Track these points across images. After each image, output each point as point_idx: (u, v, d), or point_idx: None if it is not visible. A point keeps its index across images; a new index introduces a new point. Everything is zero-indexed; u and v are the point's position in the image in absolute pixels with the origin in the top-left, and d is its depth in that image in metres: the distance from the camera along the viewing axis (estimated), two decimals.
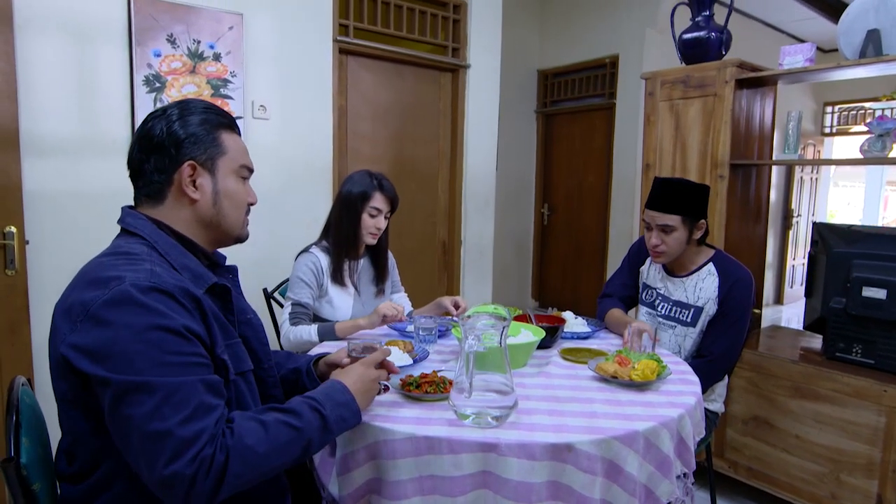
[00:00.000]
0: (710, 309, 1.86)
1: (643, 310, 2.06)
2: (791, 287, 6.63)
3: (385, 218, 1.98)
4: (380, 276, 2.07)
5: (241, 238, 1.15)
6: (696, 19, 2.49)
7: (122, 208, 1.07)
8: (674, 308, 1.94)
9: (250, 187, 1.15)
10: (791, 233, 6.52)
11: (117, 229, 1.00)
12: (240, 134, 1.14)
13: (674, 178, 1.88)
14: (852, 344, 2.12)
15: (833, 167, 7.32)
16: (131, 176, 1.07)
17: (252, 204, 1.15)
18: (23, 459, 0.90)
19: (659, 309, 1.99)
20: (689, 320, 1.90)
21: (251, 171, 1.14)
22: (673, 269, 1.97)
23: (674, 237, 1.83)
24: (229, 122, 1.10)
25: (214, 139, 1.06)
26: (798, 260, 6.69)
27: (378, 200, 1.94)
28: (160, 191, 1.04)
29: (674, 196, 1.82)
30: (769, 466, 2.27)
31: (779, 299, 6.60)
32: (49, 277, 2.27)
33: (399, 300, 2.19)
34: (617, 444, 1.14)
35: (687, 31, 2.52)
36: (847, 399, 2.05)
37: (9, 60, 2.07)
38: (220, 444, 0.86)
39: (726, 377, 1.97)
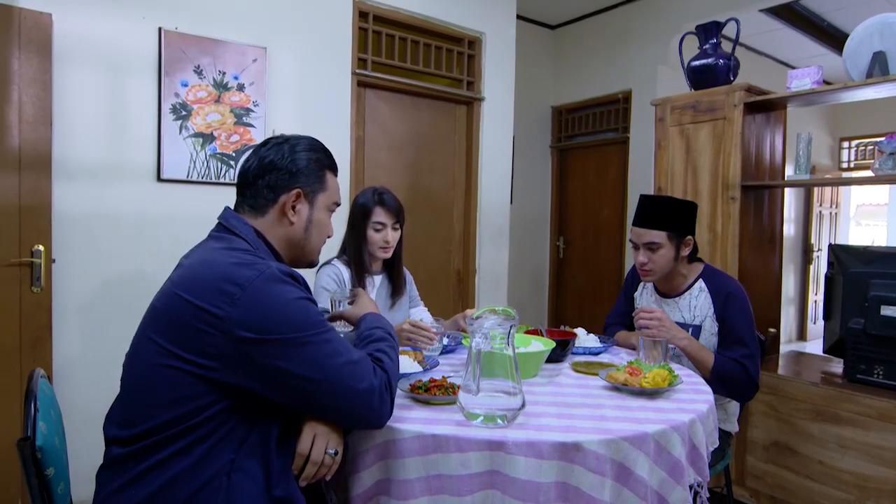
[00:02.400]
0: (710, 326, 1.83)
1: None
2: (814, 323, 6.49)
3: (393, 229, 1.99)
4: (395, 290, 2.09)
5: (312, 263, 1.32)
6: (704, 47, 2.55)
7: (226, 208, 1.22)
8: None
9: (331, 222, 1.32)
10: (812, 268, 6.43)
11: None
12: (337, 175, 1.31)
13: (659, 195, 1.86)
14: (874, 365, 2.07)
15: (853, 207, 7.29)
16: (241, 185, 1.23)
17: (329, 237, 1.31)
18: (38, 442, 0.92)
19: None
20: (698, 339, 1.88)
21: (339, 206, 1.32)
22: (665, 291, 1.95)
23: (660, 254, 1.81)
24: (333, 164, 1.29)
25: (321, 177, 1.24)
26: (820, 295, 6.57)
27: (379, 214, 1.95)
28: (264, 206, 1.20)
29: (659, 212, 1.81)
30: (792, 494, 2.19)
31: (802, 335, 6.46)
32: (73, 295, 2.34)
33: (418, 314, 2.20)
34: (626, 445, 1.13)
35: (695, 58, 2.58)
36: (871, 422, 1.99)
37: (46, 88, 2.19)
38: (379, 366, 1.12)
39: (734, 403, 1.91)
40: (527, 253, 5.17)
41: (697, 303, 1.87)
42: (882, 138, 2.21)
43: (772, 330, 2.13)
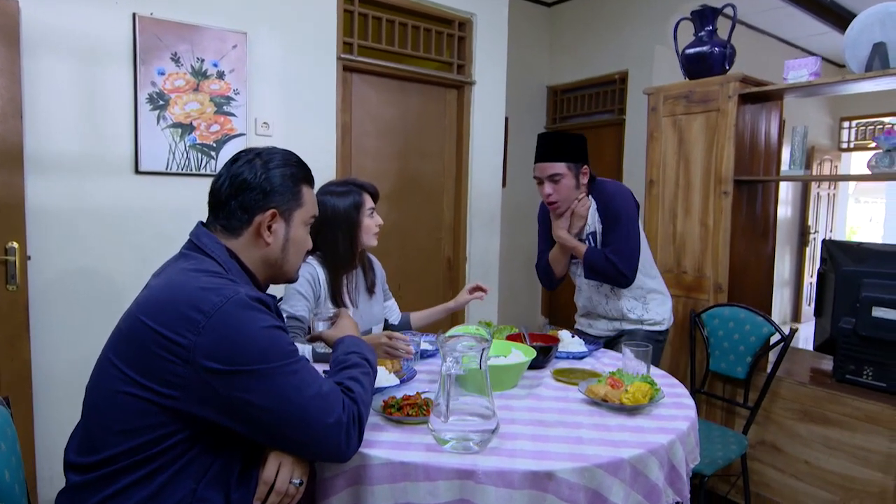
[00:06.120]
0: (597, 227, 2.08)
1: (572, 268, 2.24)
2: (809, 305, 6.48)
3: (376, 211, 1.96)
4: (367, 277, 2.03)
5: (291, 280, 1.27)
6: (700, 34, 2.46)
7: (198, 225, 1.17)
8: (587, 241, 2.13)
9: (309, 235, 1.27)
10: (808, 250, 6.39)
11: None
12: (314, 185, 1.25)
13: (554, 131, 2.03)
14: (863, 366, 2.05)
15: (852, 185, 7.18)
16: (213, 205, 1.17)
17: (308, 250, 1.27)
18: None
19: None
20: (597, 244, 2.10)
21: (316, 218, 1.27)
22: (572, 219, 2.11)
23: (563, 184, 2.02)
24: (309, 177, 1.23)
25: (297, 193, 1.19)
26: (815, 277, 6.54)
27: (369, 200, 1.92)
28: (238, 227, 1.15)
29: (556, 146, 2.01)
30: (778, 493, 2.18)
31: (796, 317, 6.45)
32: (50, 293, 2.29)
33: (392, 308, 2.17)
34: (601, 473, 1.10)
35: (690, 46, 2.49)
36: (858, 424, 1.97)
37: (14, 79, 2.11)
38: (349, 397, 1.07)
39: (668, 300, 2.18)
40: (521, 237, 5.12)
41: (593, 216, 2.09)
42: (885, 118, 2.14)
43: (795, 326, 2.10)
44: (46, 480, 2.28)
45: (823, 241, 2.29)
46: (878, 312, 1.96)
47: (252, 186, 1.13)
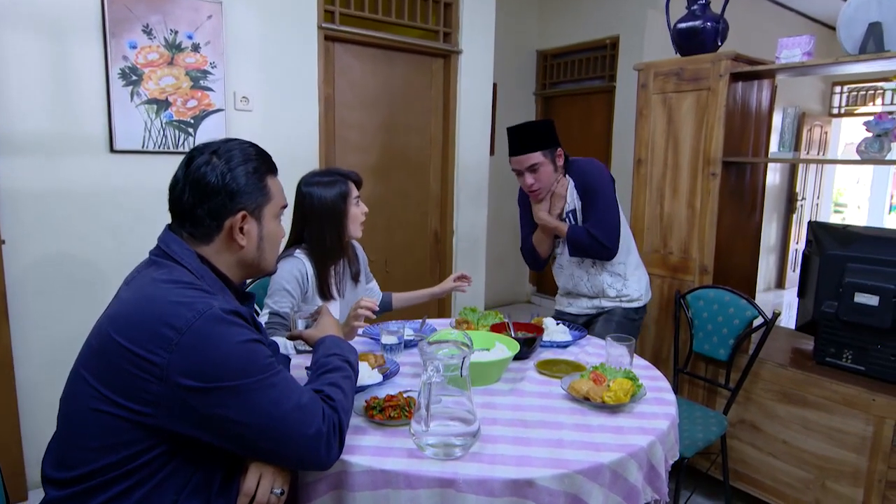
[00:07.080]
0: (576, 204, 2.15)
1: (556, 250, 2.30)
2: (794, 271, 6.55)
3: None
4: (351, 266, 2.01)
5: (270, 273, 1.25)
6: (692, 8, 2.38)
7: (166, 230, 1.11)
8: (567, 219, 2.19)
9: (282, 223, 1.22)
10: (795, 216, 6.42)
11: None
12: (277, 173, 1.20)
13: (521, 123, 2.11)
14: (843, 350, 2.07)
15: (841, 146, 7.15)
16: (176, 213, 1.11)
17: (283, 237, 1.24)
18: None
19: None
20: (578, 220, 2.17)
21: (286, 207, 1.22)
22: (553, 200, 2.18)
23: (543, 172, 2.08)
24: (272, 166, 1.18)
25: (263, 188, 1.13)
26: (801, 244, 6.59)
27: (354, 189, 1.88)
28: (208, 234, 1.10)
29: (529, 137, 2.06)
30: (755, 470, 2.24)
31: (780, 283, 6.53)
32: (27, 277, 2.24)
33: (374, 289, 2.15)
34: (580, 479, 1.11)
35: (682, 20, 2.41)
36: (836, 406, 2.01)
37: None
38: (329, 405, 1.06)
39: (645, 276, 2.25)
40: (509, 205, 5.06)
41: (572, 194, 2.16)
42: (878, 83, 2.11)
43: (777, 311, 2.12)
44: (34, 464, 2.29)
45: (809, 223, 2.28)
46: (861, 298, 1.97)
47: (217, 190, 1.07)
